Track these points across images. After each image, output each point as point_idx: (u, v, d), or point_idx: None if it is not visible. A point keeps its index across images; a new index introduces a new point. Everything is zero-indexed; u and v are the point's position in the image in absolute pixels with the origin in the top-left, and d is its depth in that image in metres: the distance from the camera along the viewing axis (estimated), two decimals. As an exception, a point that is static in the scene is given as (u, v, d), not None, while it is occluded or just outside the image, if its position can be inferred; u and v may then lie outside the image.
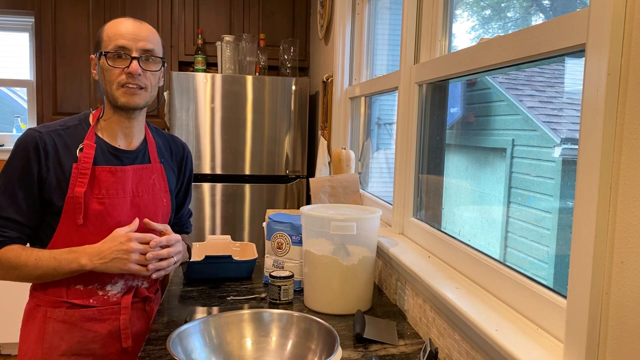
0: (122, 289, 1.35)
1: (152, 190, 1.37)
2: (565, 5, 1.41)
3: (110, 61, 1.25)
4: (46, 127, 1.26)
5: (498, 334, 0.95)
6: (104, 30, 1.28)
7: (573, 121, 1.39)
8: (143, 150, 1.38)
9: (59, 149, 1.24)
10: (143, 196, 1.35)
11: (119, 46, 1.24)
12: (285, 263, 1.63)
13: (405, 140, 1.74)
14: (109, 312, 1.32)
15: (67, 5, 3.31)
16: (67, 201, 1.23)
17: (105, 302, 1.32)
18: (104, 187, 1.27)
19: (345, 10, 2.63)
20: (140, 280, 1.39)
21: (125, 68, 1.24)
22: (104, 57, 1.25)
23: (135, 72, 1.24)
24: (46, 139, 1.23)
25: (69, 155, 1.25)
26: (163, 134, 1.49)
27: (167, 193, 1.42)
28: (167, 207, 1.42)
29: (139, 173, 1.35)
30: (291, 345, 1.18)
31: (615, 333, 0.73)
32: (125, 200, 1.31)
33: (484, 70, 1.28)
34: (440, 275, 1.31)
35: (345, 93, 2.66)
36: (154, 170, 1.39)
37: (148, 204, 1.36)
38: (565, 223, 1.29)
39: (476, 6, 1.81)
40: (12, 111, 3.83)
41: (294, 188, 3.22)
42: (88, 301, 1.30)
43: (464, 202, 1.79)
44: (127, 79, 1.25)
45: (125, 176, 1.31)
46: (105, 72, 1.26)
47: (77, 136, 1.28)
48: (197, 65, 3.33)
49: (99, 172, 1.27)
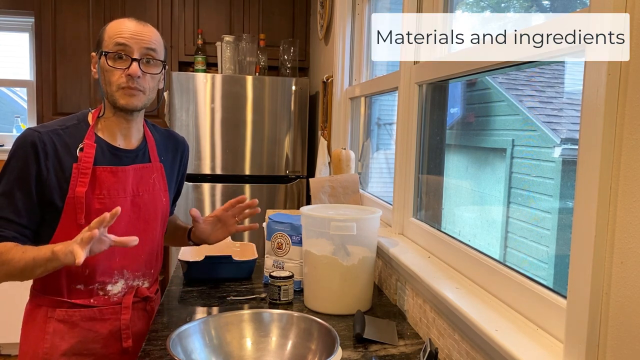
0: (122, 289, 1.34)
1: (152, 189, 1.37)
2: (565, 5, 1.41)
3: (111, 61, 1.24)
4: (45, 127, 1.25)
5: (498, 334, 0.95)
6: (106, 29, 1.27)
7: (573, 121, 1.39)
8: (143, 149, 1.37)
9: (58, 149, 1.23)
10: (143, 196, 1.35)
11: (120, 44, 1.23)
12: (285, 263, 1.63)
13: (405, 140, 1.74)
14: (110, 312, 1.32)
15: (67, 5, 3.30)
16: (67, 201, 1.23)
17: (106, 302, 1.32)
18: (105, 187, 1.27)
19: (345, 10, 2.63)
20: (141, 280, 1.39)
21: (125, 69, 1.23)
22: (104, 56, 1.24)
23: (135, 74, 1.23)
24: (45, 139, 1.22)
25: (69, 155, 1.24)
26: (161, 130, 1.49)
27: (166, 192, 1.42)
28: (166, 206, 1.42)
29: (140, 172, 1.35)
30: (291, 346, 1.18)
31: (615, 333, 0.73)
32: (126, 200, 1.31)
33: (484, 70, 1.28)
34: (440, 275, 1.31)
35: (345, 93, 2.66)
36: (154, 170, 1.38)
37: (148, 204, 1.36)
38: (565, 223, 1.29)
39: (476, 6, 1.81)
40: (12, 111, 3.83)
41: (294, 188, 3.22)
42: (89, 301, 1.29)
43: (464, 203, 1.79)
44: (126, 81, 1.24)
45: (126, 176, 1.31)
46: (105, 73, 1.25)
47: (77, 136, 1.27)
48: (197, 66, 3.33)
49: (100, 172, 1.27)
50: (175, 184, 1.51)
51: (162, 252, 1.48)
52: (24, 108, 3.76)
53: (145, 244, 1.37)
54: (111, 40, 1.24)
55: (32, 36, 3.48)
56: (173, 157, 1.48)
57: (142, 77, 1.25)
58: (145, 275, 1.40)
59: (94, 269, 1.28)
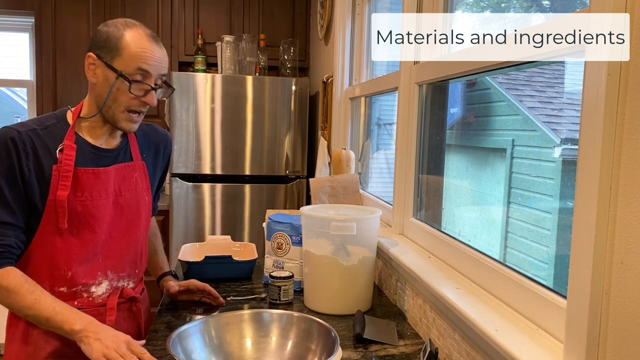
0: (107, 290, 1.31)
1: (134, 189, 1.34)
2: (565, 5, 1.41)
3: (133, 87, 1.19)
4: (24, 126, 1.20)
5: (498, 334, 0.95)
6: (124, 40, 1.19)
7: (573, 121, 1.39)
8: (124, 147, 1.34)
9: (37, 149, 1.18)
10: (125, 195, 1.32)
11: (143, 70, 1.19)
12: (285, 263, 1.63)
13: (405, 140, 1.74)
14: (95, 314, 1.25)
15: (67, 5, 3.30)
16: (48, 204, 1.19)
17: (90, 303, 1.28)
18: (86, 189, 1.23)
19: (345, 10, 2.63)
20: (126, 280, 1.36)
21: (142, 97, 1.21)
22: (121, 77, 1.19)
23: (152, 104, 1.22)
24: (25, 138, 1.17)
25: (48, 156, 1.19)
26: (142, 126, 1.41)
27: (149, 191, 1.39)
28: (148, 206, 1.40)
29: (122, 172, 1.32)
30: (291, 346, 1.18)
31: (615, 333, 0.73)
32: (108, 201, 1.28)
33: (484, 70, 1.28)
34: (440, 275, 1.31)
35: (345, 93, 2.66)
36: (136, 169, 1.36)
37: (131, 203, 1.33)
38: (565, 223, 1.29)
39: (476, 6, 1.81)
40: (12, 111, 3.83)
41: (294, 188, 3.22)
42: (73, 303, 1.24)
43: (464, 203, 1.79)
44: (139, 106, 1.22)
45: (108, 177, 1.28)
46: (118, 92, 1.21)
47: (56, 136, 1.22)
48: (197, 66, 3.33)
49: (82, 174, 1.23)
50: (157, 180, 1.48)
51: (146, 252, 1.46)
52: (24, 108, 3.76)
53: (130, 244, 1.35)
54: (133, 62, 1.19)
55: (32, 36, 3.48)
56: (155, 153, 1.44)
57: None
58: (130, 276, 1.37)
59: (76, 271, 1.25)
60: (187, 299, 1.53)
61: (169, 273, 1.56)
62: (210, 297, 1.51)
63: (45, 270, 1.23)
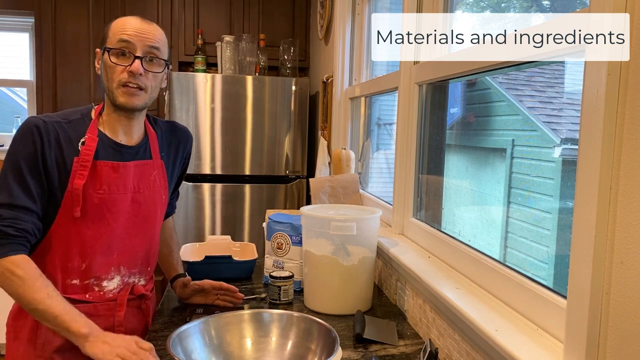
0: (118, 285, 1.33)
1: (152, 186, 1.37)
2: (565, 5, 1.41)
3: (113, 58, 1.23)
4: (50, 117, 1.23)
5: (498, 334, 0.95)
6: (111, 26, 1.27)
7: (573, 121, 1.39)
8: (144, 145, 1.37)
9: (61, 140, 1.22)
10: (144, 192, 1.34)
11: (123, 41, 1.23)
12: (285, 263, 1.63)
13: (405, 140, 1.74)
14: (105, 308, 1.30)
15: (67, 5, 3.30)
16: (66, 194, 1.21)
17: (101, 297, 1.30)
18: (105, 182, 1.26)
19: (345, 10, 2.63)
20: (137, 277, 1.38)
21: (128, 66, 1.23)
22: (107, 52, 1.24)
23: (136, 71, 1.23)
24: (50, 129, 1.20)
25: (71, 148, 1.23)
26: (163, 123, 1.46)
27: (165, 189, 1.42)
28: (164, 204, 1.42)
29: (140, 169, 1.34)
30: (291, 346, 1.18)
31: (615, 333, 0.73)
32: (126, 196, 1.30)
33: (484, 70, 1.28)
34: (440, 275, 1.31)
35: (345, 93, 2.66)
36: (155, 167, 1.38)
37: (148, 201, 1.35)
38: (565, 223, 1.29)
39: (476, 6, 1.81)
40: (12, 111, 3.83)
41: (294, 188, 3.22)
42: (84, 296, 1.28)
43: (464, 203, 1.79)
44: (128, 77, 1.24)
45: (127, 172, 1.30)
46: (108, 69, 1.25)
47: (79, 130, 1.26)
48: (197, 66, 3.33)
49: (101, 166, 1.26)
50: (175, 178, 1.50)
51: (157, 250, 1.47)
52: (24, 108, 3.76)
53: (144, 241, 1.37)
54: (115, 36, 1.24)
55: (32, 36, 3.47)
56: (175, 150, 1.47)
57: (144, 75, 1.25)
58: (142, 273, 1.39)
59: (90, 264, 1.27)
60: (201, 301, 1.51)
61: (183, 275, 1.56)
62: (228, 296, 1.50)
63: (60, 261, 1.25)
